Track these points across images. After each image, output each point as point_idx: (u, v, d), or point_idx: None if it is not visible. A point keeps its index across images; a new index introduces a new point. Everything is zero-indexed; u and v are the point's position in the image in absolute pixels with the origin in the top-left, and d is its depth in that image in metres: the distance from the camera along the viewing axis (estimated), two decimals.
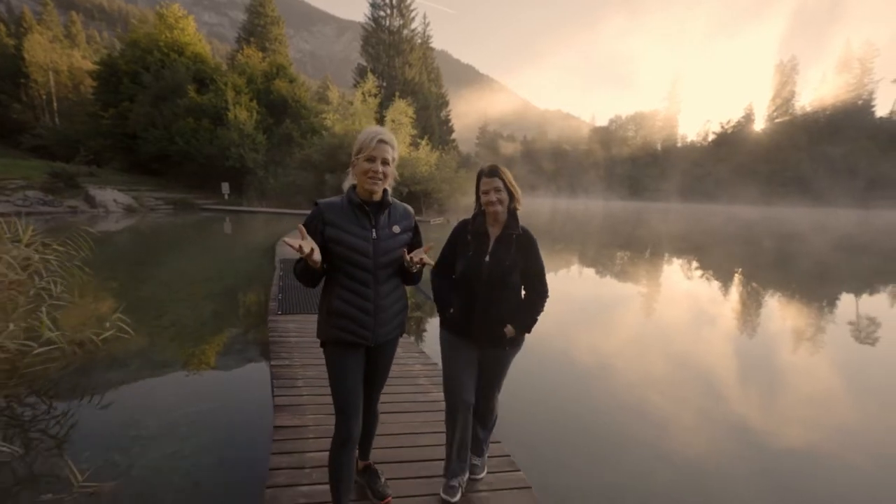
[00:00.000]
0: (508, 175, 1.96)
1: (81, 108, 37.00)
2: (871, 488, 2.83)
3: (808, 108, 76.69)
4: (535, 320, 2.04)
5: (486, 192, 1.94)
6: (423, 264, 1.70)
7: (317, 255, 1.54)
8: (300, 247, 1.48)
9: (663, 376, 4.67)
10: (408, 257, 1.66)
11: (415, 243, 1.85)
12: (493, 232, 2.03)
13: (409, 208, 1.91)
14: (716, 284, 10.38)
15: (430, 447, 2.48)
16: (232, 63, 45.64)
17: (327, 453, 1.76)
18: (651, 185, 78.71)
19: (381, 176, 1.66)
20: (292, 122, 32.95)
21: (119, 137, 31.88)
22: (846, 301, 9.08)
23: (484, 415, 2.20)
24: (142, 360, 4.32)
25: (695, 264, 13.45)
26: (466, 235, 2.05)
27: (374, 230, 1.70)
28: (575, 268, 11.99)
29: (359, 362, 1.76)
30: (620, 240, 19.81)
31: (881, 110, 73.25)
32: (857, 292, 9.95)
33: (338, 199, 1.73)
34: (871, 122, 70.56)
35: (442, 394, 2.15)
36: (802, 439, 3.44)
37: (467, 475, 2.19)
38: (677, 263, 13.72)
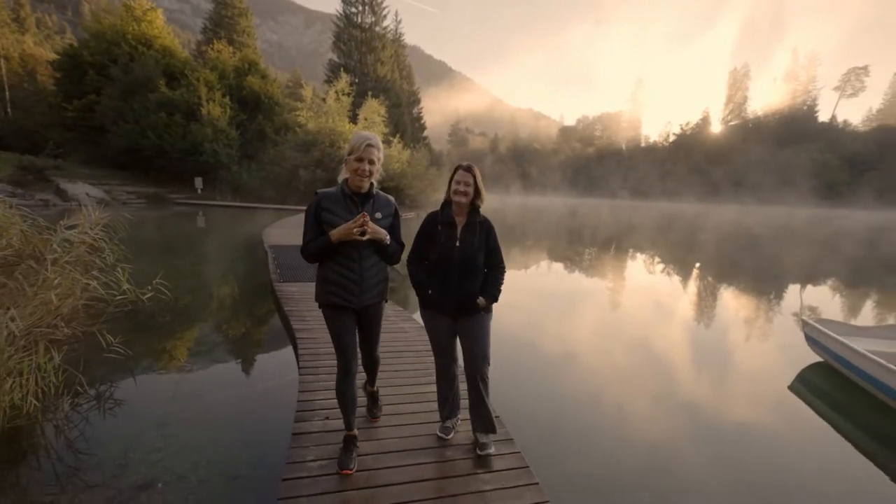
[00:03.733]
0: (479, 176, 2.34)
1: (39, 99, 35.84)
2: (803, 458, 3.23)
3: (760, 113, 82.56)
4: (499, 290, 2.43)
5: (458, 183, 2.30)
6: (380, 239, 2.12)
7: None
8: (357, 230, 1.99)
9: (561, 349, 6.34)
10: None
11: (395, 225, 2.27)
12: (460, 221, 2.37)
13: (391, 198, 2.31)
14: (608, 263, 12.38)
15: (428, 399, 2.98)
16: (198, 53, 45.02)
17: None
18: (615, 182, 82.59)
19: (367, 173, 2.08)
20: (265, 119, 33.36)
21: (84, 130, 31.34)
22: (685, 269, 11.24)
23: (477, 382, 2.40)
24: (174, 313, 5.69)
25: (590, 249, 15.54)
26: (437, 226, 2.38)
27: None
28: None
29: (351, 319, 2.20)
30: (551, 231, 21.90)
31: (823, 115, 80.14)
32: (699, 268, 12.18)
33: (333, 190, 2.14)
34: (814, 127, 76.84)
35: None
36: (746, 415, 3.86)
37: (457, 418, 2.67)
38: (582, 248, 15.77)
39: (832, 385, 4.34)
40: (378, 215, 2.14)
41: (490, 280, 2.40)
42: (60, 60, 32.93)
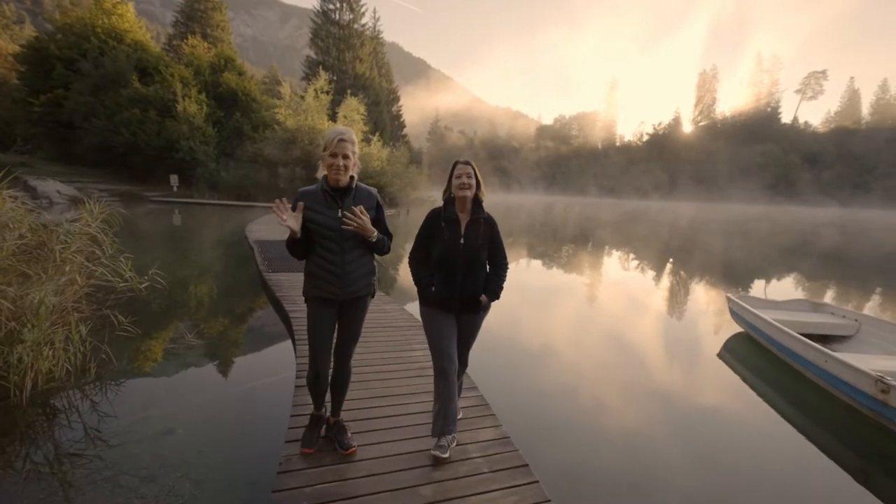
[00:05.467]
0: (477, 169, 2.35)
1: (2, 93, 34.50)
2: (765, 438, 3.44)
3: (728, 114, 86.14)
4: (502, 287, 2.43)
5: (460, 177, 2.29)
6: (366, 230, 2.09)
7: (292, 224, 2.03)
8: (285, 219, 1.98)
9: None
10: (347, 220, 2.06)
11: (378, 217, 2.23)
12: (463, 218, 2.34)
13: (373, 190, 2.28)
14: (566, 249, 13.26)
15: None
16: (169, 47, 44.05)
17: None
18: (590, 181, 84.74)
19: (343, 168, 2.09)
20: (243, 116, 33.11)
21: (51, 126, 30.44)
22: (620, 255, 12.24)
23: (460, 366, 2.53)
24: (170, 301, 6.10)
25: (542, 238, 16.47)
26: (440, 223, 2.34)
27: (339, 210, 2.11)
28: None
29: (332, 315, 2.23)
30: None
31: (786, 117, 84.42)
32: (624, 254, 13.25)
33: (314, 187, 2.18)
34: (777, 128, 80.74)
35: (425, 357, 2.64)
36: (677, 380, 4.39)
37: (453, 436, 2.40)
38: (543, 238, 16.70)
39: (750, 351, 5.14)
40: (360, 209, 2.13)
41: (493, 278, 2.40)
42: (25, 53, 31.83)
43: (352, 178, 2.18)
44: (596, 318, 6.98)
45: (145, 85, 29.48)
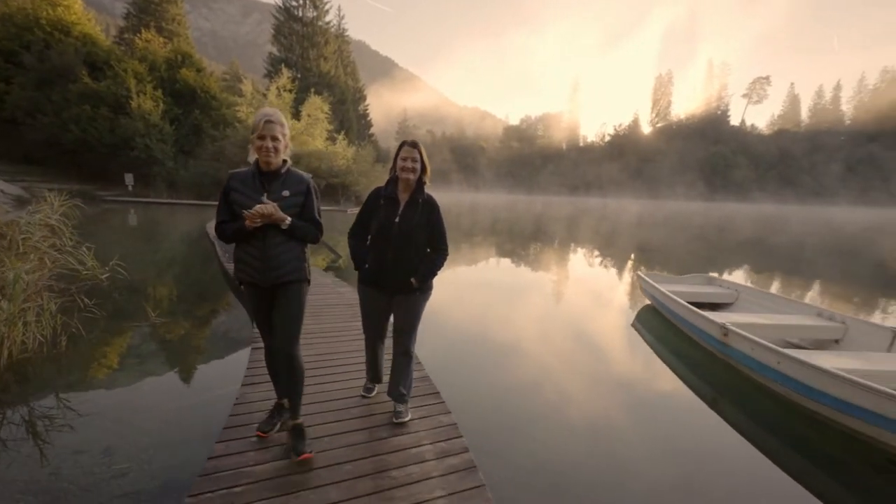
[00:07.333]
0: (424, 151, 2.32)
1: None
2: (650, 379, 4.21)
3: (682, 116, 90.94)
4: (434, 273, 2.40)
5: (405, 160, 2.28)
6: (275, 218, 2.03)
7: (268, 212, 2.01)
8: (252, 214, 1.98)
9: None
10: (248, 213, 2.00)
11: (307, 203, 2.18)
12: (403, 198, 2.34)
13: (306, 176, 2.22)
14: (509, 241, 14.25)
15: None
16: (120, 40, 42.22)
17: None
18: (555, 180, 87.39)
19: (272, 150, 2.05)
20: (202, 113, 32.37)
21: None
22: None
23: (401, 359, 2.53)
24: (133, 292, 6.39)
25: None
26: (379, 200, 2.37)
27: (265, 194, 2.07)
28: None
29: (264, 298, 2.22)
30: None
31: (734, 120, 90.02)
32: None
33: (246, 170, 2.15)
34: (726, 130, 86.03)
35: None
36: (596, 344, 5.84)
37: (375, 389, 2.85)
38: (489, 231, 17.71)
39: (653, 319, 6.03)
40: (286, 193, 2.11)
41: (427, 262, 2.37)
42: None
43: (285, 161, 2.17)
44: (535, 300, 7.75)
45: (96, 80, 28.34)
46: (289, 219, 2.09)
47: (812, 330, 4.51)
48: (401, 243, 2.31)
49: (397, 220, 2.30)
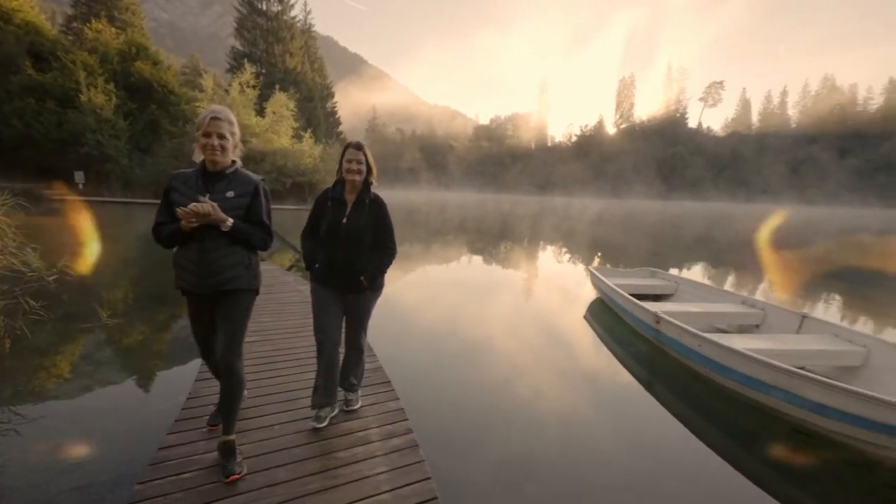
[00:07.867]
0: (370, 153, 2.38)
1: None
2: (595, 363, 5.02)
3: (644, 118, 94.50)
4: (383, 272, 2.46)
5: (350, 162, 2.33)
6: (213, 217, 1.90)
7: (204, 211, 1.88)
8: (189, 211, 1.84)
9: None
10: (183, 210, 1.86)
11: (253, 205, 2.04)
12: (350, 199, 2.40)
13: (255, 177, 2.09)
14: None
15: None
16: (67, 30, 39.80)
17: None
18: (523, 179, 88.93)
19: (218, 148, 1.93)
20: (159, 109, 31.01)
21: None
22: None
23: (352, 353, 2.63)
24: (82, 289, 6.20)
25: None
26: (327, 202, 2.42)
27: (207, 196, 1.94)
28: None
29: (202, 307, 2.09)
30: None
31: (692, 122, 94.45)
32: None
33: (190, 170, 2.03)
34: (684, 132, 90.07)
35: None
36: (548, 335, 6.37)
37: (336, 409, 2.64)
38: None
39: (601, 310, 6.42)
40: (230, 194, 1.99)
41: (374, 261, 2.42)
42: None
43: (234, 162, 2.07)
44: (494, 295, 8.02)
45: (41, 72, 26.65)
46: (230, 220, 1.96)
47: (736, 316, 4.98)
48: (349, 244, 2.37)
49: (345, 220, 2.36)
